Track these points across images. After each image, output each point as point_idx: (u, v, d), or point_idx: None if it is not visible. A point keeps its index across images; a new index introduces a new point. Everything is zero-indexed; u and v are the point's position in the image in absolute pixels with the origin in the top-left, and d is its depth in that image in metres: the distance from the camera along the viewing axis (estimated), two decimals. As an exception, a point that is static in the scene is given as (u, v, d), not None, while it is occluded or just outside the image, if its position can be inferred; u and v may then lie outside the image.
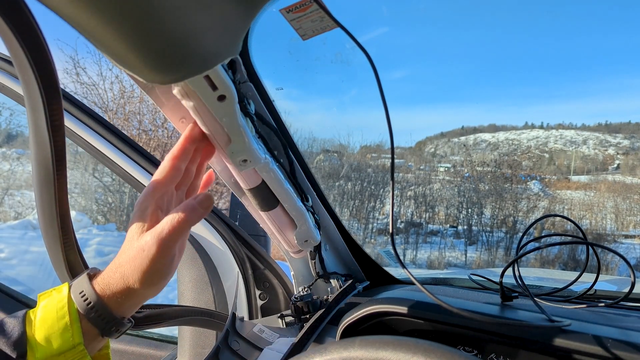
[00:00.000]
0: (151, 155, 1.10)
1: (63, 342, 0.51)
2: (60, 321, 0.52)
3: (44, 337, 0.51)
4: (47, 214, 0.62)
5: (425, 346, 0.43)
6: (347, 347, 0.48)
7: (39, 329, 0.52)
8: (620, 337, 0.63)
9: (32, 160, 0.60)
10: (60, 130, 0.60)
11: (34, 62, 0.55)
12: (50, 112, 0.58)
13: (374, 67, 0.63)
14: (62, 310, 0.53)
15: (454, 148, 17.95)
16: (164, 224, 0.54)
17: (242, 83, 0.73)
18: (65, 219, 0.62)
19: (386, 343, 0.45)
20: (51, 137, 0.59)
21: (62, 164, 0.61)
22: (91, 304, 0.53)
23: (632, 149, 17.66)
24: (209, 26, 0.50)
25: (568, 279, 0.93)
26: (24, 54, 0.54)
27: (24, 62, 0.55)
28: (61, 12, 0.45)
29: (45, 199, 0.61)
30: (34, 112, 0.58)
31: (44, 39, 0.55)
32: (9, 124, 7.96)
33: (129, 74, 0.58)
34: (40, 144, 0.60)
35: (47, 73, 0.56)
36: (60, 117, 0.59)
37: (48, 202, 0.61)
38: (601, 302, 0.89)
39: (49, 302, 0.54)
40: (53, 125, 0.59)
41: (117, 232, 6.26)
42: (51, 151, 0.59)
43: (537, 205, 11.23)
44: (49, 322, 0.52)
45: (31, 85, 0.56)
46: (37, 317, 0.53)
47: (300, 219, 0.83)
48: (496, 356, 0.73)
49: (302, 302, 0.93)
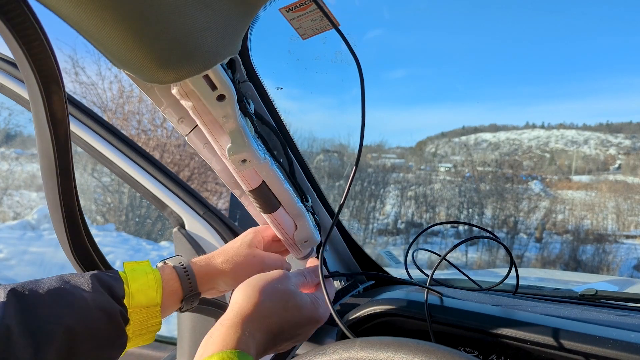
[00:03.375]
0: (150, 155, 1.10)
1: (148, 298, 0.64)
2: (150, 282, 0.65)
3: (136, 290, 0.64)
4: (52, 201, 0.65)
5: (426, 347, 0.43)
6: (347, 348, 0.47)
7: (132, 283, 0.64)
8: (620, 337, 0.63)
9: (38, 152, 0.63)
10: (62, 124, 0.61)
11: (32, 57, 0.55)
12: (50, 106, 0.58)
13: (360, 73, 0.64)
14: (151, 275, 0.66)
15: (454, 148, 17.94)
16: (272, 256, 0.79)
17: (242, 82, 0.73)
18: (70, 205, 0.67)
19: (387, 344, 0.45)
20: (52, 130, 0.60)
21: (65, 157, 0.63)
22: (188, 275, 0.70)
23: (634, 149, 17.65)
24: (209, 25, 0.50)
25: (568, 279, 0.92)
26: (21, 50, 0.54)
27: (23, 58, 0.55)
28: (60, 12, 0.45)
29: (50, 187, 0.64)
30: (35, 106, 0.59)
31: (43, 32, 0.55)
32: (8, 124, 7.97)
33: (128, 73, 0.58)
34: (42, 137, 0.61)
35: (48, 67, 0.57)
36: (62, 110, 0.60)
37: (52, 189, 0.64)
38: (601, 302, 0.89)
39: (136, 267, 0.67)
40: (53, 116, 0.60)
41: (116, 232, 6.26)
42: (52, 144, 0.61)
43: (538, 206, 11.23)
44: (140, 281, 0.65)
45: (30, 79, 0.56)
46: (127, 275, 0.65)
47: (300, 219, 0.83)
48: (497, 357, 0.73)
49: None
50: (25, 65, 0.56)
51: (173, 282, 0.69)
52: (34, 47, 0.55)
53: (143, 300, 0.64)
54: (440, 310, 0.78)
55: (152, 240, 6.30)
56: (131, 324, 0.63)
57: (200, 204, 1.12)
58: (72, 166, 0.65)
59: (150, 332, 0.66)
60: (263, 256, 0.78)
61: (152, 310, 0.65)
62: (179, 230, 1.12)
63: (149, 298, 0.65)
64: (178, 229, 1.13)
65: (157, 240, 6.43)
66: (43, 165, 0.63)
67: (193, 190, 1.13)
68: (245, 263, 0.76)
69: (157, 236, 6.62)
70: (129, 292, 0.63)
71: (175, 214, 1.12)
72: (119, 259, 5.21)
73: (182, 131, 0.73)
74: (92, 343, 0.58)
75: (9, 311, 0.52)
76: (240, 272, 0.74)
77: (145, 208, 7.05)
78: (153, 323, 0.65)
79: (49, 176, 0.63)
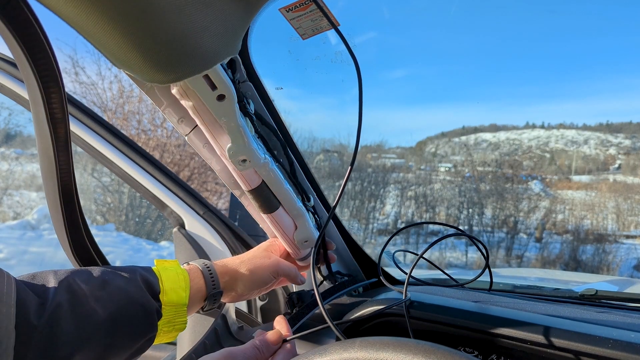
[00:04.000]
0: (150, 155, 1.10)
1: (179, 297, 0.67)
2: (180, 282, 0.68)
3: (170, 288, 0.67)
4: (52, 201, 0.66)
5: (426, 347, 0.43)
6: (347, 348, 0.47)
7: (166, 281, 0.67)
8: (620, 337, 0.63)
9: (38, 151, 0.64)
10: (62, 123, 0.62)
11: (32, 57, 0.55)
12: (50, 105, 0.59)
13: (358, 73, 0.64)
14: (181, 275, 0.69)
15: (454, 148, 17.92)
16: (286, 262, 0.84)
17: (242, 82, 0.73)
18: (70, 205, 0.67)
19: (387, 344, 0.45)
20: (51, 130, 0.61)
21: (65, 156, 0.64)
22: (212, 274, 0.73)
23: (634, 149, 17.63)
24: (209, 25, 0.50)
25: (568, 279, 0.92)
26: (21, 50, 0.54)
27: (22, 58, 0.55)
28: (60, 12, 0.45)
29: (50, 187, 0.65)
30: (35, 106, 0.59)
31: (43, 32, 0.55)
32: (8, 124, 7.96)
33: (128, 73, 0.58)
34: (42, 137, 0.62)
35: (47, 67, 0.57)
36: (62, 110, 0.60)
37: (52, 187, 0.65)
38: (601, 302, 0.89)
39: (167, 265, 0.70)
40: (53, 115, 0.60)
41: (116, 232, 6.26)
42: (52, 144, 0.61)
43: (538, 206, 11.22)
44: (172, 279, 0.68)
45: (30, 79, 0.57)
46: (162, 274, 0.68)
47: (300, 220, 0.83)
48: (497, 357, 0.73)
49: (295, 294, 0.93)
50: (25, 65, 0.56)
51: (199, 280, 0.72)
52: (33, 47, 0.55)
53: (174, 299, 0.67)
54: (440, 310, 0.78)
55: (152, 240, 6.30)
56: (162, 320, 0.66)
57: (200, 204, 1.12)
58: (72, 166, 0.65)
59: (176, 330, 0.68)
60: (278, 260, 0.82)
61: (180, 309, 0.68)
62: (179, 230, 1.12)
63: (179, 297, 0.67)
64: (178, 229, 1.13)
65: (157, 240, 6.42)
66: (43, 164, 0.63)
67: (193, 190, 1.13)
68: (261, 266, 0.79)
69: (157, 236, 6.62)
70: (164, 289, 0.66)
71: (175, 214, 1.12)
72: (119, 259, 5.21)
73: (182, 131, 0.73)
74: (129, 333, 0.61)
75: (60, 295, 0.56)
76: (257, 274, 0.78)
77: (145, 208, 7.05)
78: (180, 322, 0.68)
79: (49, 176, 0.64)
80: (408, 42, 25.10)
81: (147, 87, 0.66)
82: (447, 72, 25.64)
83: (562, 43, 25.76)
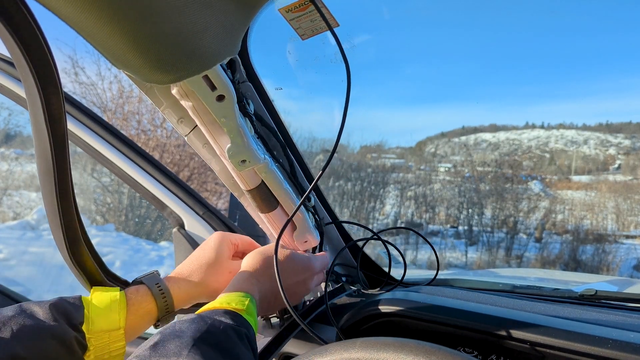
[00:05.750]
0: (150, 156, 1.10)
1: (110, 322, 0.64)
2: (112, 306, 0.65)
3: (96, 314, 0.64)
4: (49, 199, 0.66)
5: (427, 348, 0.43)
6: (347, 348, 0.47)
7: (94, 308, 0.64)
8: (620, 338, 0.63)
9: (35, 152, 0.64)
10: (60, 124, 0.61)
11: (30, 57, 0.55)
12: (48, 105, 0.58)
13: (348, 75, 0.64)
14: (115, 298, 0.66)
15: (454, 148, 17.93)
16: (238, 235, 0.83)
17: (241, 83, 0.73)
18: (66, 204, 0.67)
19: (387, 344, 0.45)
20: (49, 129, 0.60)
21: (63, 157, 0.63)
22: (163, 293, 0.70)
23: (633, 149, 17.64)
24: (208, 26, 0.50)
25: (568, 279, 0.92)
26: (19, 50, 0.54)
27: (21, 58, 0.55)
28: (60, 12, 0.45)
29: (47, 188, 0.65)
30: (33, 107, 0.59)
31: (41, 33, 0.55)
32: (8, 124, 7.96)
33: (127, 74, 0.58)
34: (39, 138, 0.61)
35: (45, 68, 0.57)
36: (60, 111, 0.60)
37: (49, 189, 0.65)
38: (601, 302, 0.89)
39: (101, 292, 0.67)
40: (51, 117, 0.60)
41: (115, 233, 6.25)
42: (50, 144, 0.61)
43: (538, 206, 11.22)
44: (103, 305, 0.65)
45: (28, 80, 0.56)
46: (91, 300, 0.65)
47: (300, 219, 0.82)
48: (496, 357, 0.73)
49: None
50: (23, 65, 0.56)
51: (146, 303, 0.69)
52: (31, 47, 0.55)
53: (104, 325, 0.64)
54: (440, 311, 0.78)
55: (151, 241, 6.29)
56: (91, 350, 0.62)
57: (200, 204, 1.12)
58: (69, 167, 0.65)
59: (112, 357, 0.64)
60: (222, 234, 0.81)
61: (114, 334, 0.64)
62: (178, 230, 1.12)
63: (110, 321, 0.64)
64: (178, 229, 1.13)
65: (156, 240, 6.42)
66: (40, 165, 0.63)
67: (193, 191, 1.13)
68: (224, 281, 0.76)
69: (157, 236, 6.61)
70: (89, 317, 0.63)
71: (174, 214, 1.12)
72: (118, 259, 5.20)
73: (181, 131, 0.73)
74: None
75: None
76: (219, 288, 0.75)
77: (145, 208, 7.04)
78: (116, 347, 0.64)
79: (46, 177, 0.63)
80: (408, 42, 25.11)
81: (147, 88, 0.66)
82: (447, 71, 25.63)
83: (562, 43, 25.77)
